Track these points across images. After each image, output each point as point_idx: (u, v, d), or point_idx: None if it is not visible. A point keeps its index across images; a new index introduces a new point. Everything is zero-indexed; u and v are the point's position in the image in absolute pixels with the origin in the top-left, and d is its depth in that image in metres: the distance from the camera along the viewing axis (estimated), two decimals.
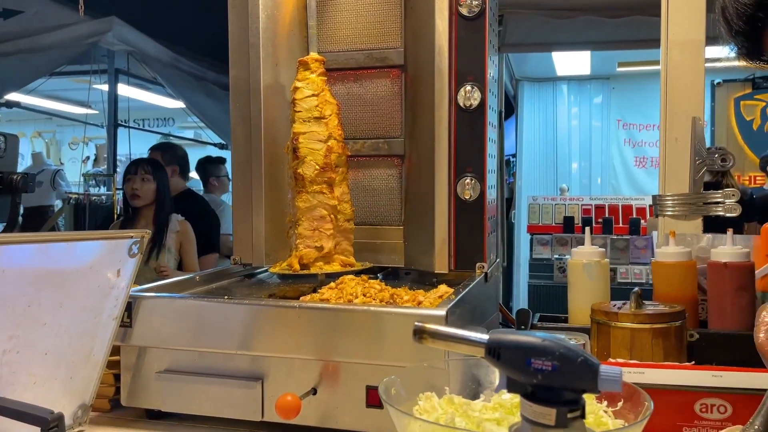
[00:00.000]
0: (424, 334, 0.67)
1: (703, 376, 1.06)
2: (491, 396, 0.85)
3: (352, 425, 1.08)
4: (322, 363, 1.08)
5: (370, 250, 1.52)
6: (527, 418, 0.60)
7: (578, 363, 0.59)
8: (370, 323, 1.05)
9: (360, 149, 1.52)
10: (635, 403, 0.82)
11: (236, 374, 1.13)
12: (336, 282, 1.21)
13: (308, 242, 1.27)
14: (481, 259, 1.41)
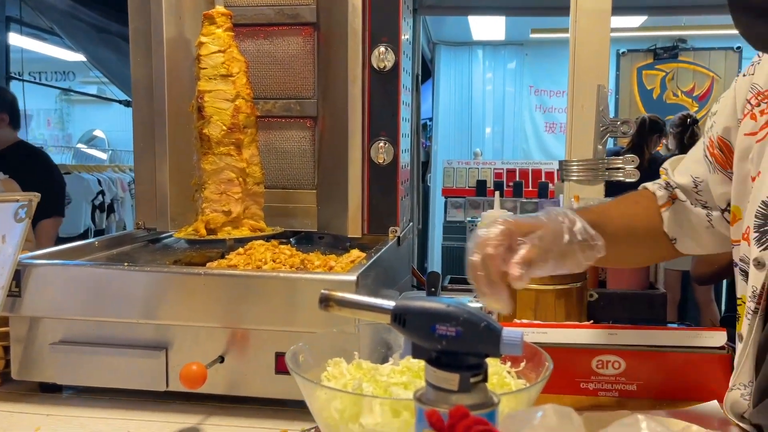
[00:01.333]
0: (330, 301, 0.66)
1: (600, 334, 1.11)
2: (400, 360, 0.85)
3: (261, 392, 1.06)
4: (230, 330, 1.06)
5: (282, 214, 1.49)
6: (431, 383, 0.61)
7: (481, 328, 0.60)
8: (279, 289, 1.03)
9: (271, 110, 1.47)
10: (536, 363, 0.85)
11: (138, 344, 1.09)
12: (244, 247, 1.18)
13: (215, 206, 1.22)
14: (394, 223, 1.41)
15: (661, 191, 1.09)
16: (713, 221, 1.05)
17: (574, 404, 1.06)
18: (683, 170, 1.08)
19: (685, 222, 1.07)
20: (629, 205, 1.11)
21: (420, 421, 0.62)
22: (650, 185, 1.12)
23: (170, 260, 1.28)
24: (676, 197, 1.08)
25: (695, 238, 1.08)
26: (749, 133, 0.94)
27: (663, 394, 1.08)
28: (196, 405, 1.07)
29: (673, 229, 1.08)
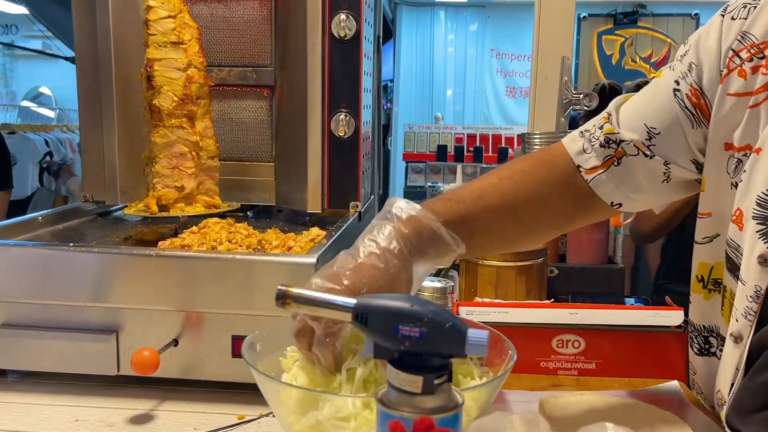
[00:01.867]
0: (287, 298, 0.63)
1: (560, 314, 1.11)
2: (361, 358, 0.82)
3: (218, 376, 1.03)
4: (184, 314, 1.02)
5: (239, 187, 1.44)
6: (393, 385, 0.58)
7: (446, 329, 0.58)
8: (235, 272, 0.99)
9: (225, 78, 1.41)
10: (500, 350, 0.84)
11: (87, 327, 1.04)
12: (199, 226, 1.13)
13: (167, 181, 1.17)
14: (356, 198, 1.37)
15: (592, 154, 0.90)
16: (672, 174, 0.89)
17: (533, 383, 1.07)
18: (635, 120, 0.90)
19: (631, 180, 0.90)
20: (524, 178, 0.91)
21: (382, 423, 0.60)
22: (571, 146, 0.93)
23: (120, 237, 1.23)
24: (623, 154, 0.89)
25: (645, 198, 0.93)
26: (736, 94, 0.80)
27: (622, 372, 1.10)
28: (149, 389, 1.04)
29: (613, 194, 0.91)
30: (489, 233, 0.90)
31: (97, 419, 0.96)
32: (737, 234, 0.82)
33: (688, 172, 0.89)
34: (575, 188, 0.92)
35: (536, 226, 0.95)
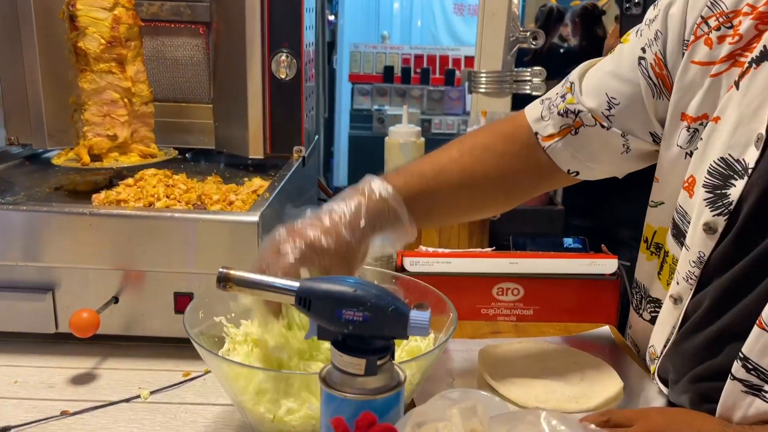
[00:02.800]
0: (228, 282, 0.62)
1: (501, 263, 1.14)
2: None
3: (161, 332, 1.02)
4: (122, 272, 0.99)
5: (176, 130, 1.38)
6: (337, 366, 0.59)
7: (389, 313, 0.58)
8: (175, 231, 0.96)
9: (157, 13, 1.32)
10: (442, 310, 0.86)
11: (21, 285, 1.00)
12: (135, 178, 1.09)
13: (98, 130, 1.10)
14: (299, 142, 1.34)
15: (550, 122, 0.91)
16: (631, 146, 0.89)
17: (474, 331, 1.11)
18: (596, 88, 0.89)
19: (587, 150, 0.91)
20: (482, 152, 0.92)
21: (326, 402, 0.61)
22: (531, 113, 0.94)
23: (51, 187, 1.17)
24: (581, 124, 0.90)
25: (603, 168, 0.94)
26: (700, 62, 0.79)
27: (558, 318, 1.15)
28: (91, 347, 1.02)
29: (570, 162, 0.92)
30: (447, 207, 0.92)
31: (37, 380, 0.95)
32: (686, 201, 0.83)
33: (647, 144, 0.89)
34: (535, 158, 0.92)
35: (494, 200, 0.97)
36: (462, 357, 1.01)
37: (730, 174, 0.76)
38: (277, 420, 0.71)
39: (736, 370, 0.73)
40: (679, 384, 0.83)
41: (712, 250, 0.78)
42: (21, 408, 0.87)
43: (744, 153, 0.75)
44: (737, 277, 0.75)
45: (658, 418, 0.75)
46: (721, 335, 0.77)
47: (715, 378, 0.76)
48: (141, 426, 0.84)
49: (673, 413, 0.77)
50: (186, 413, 0.87)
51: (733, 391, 0.73)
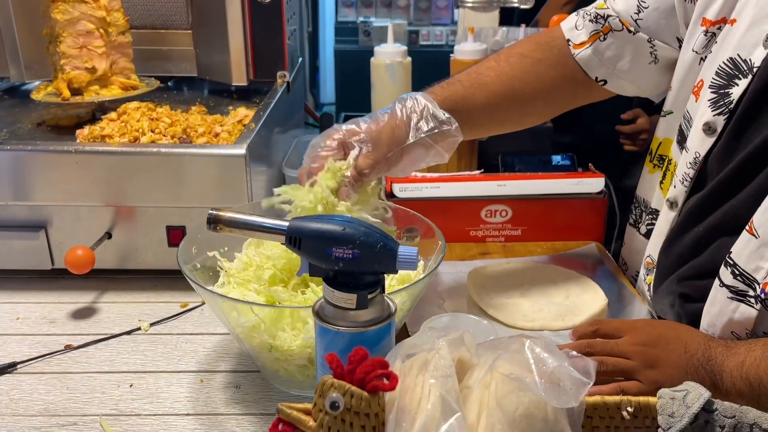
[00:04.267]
0: (219, 223, 0.63)
1: (489, 186, 1.15)
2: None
3: (156, 264, 1.04)
4: (113, 208, 1.00)
5: (156, 57, 1.34)
6: (329, 301, 0.61)
7: (378, 249, 0.59)
8: (162, 166, 0.96)
9: None
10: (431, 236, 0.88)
11: (13, 224, 1.01)
12: (118, 111, 1.07)
13: (76, 63, 1.08)
14: (282, 67, 1.31)
15: (582, 30, 0.92)
16: (659, 54, 0.90)
17: (463, 252, 1.14)
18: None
19: (614, 56, 0.91)
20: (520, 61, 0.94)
21: (320, 335, 0.64)
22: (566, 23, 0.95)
23: (34, 122, 1.15)
24: (609, 30, 0.90)
25: (632, 78, 0.93)
26: None
27: (545, 237, 1.17)
28: (89, 281, 1.05)
29: (598, 69, 0.92)
30: (486, 114, 0.91)
31: (38, 316, 0.97)
32: (692, 105, 0.83)
33: (674, 50, 0.89)
34: (570, 66, 0.94)
35: (533, 107, 0.97)
36: (452, 279, 1.04)
37: (736, 74, 0.77)
38: (274, 349, 0.73)
39: (724, 276, 0.74)
40: (663, 285, 0.85)
41: (708, 151, 0.79)
42: (25, 344, 0.90)
43: (752, 53, 0.75)
44: (728, 178, 0.76)
45: (646, 329, 0.77)
46: (708, 234, 0.79)
47: (700, 277, 0.78)
48: (143, 357, 0.88)
49: (660, 325, 0.79)
50: (186, 343, 0.90)
51: (720, 298, 0.75)
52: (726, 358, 0.69)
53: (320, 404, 0.48)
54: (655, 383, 0.71)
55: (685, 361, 0.71)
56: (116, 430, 0.74)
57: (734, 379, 0.68)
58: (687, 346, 0.72)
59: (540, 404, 0.52)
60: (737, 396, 0.68)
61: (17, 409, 0.77)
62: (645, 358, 0.73)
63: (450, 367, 0.49)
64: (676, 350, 0.73)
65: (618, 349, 0.75)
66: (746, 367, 0.68)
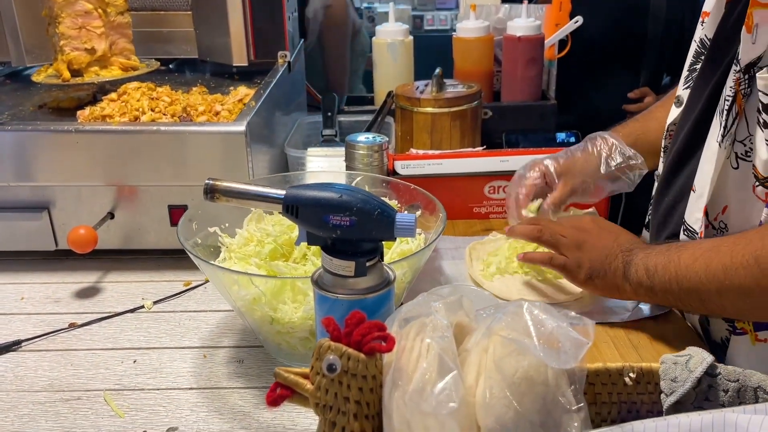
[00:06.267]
0: (215, 193, 0.62)
1: (492, 162, 1.14)
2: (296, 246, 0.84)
3: (159, 244, 1.05)
4: (115, 188, 1.00)
5: (157, 39, 1.34)
6: (328, 269, 0.61)
7: (375, 216, 0.59)
8: (162, 144, 0.96)
9: None
10: (432, 210, 0.87)
11: (16, 206, 1.01)
12: (118, 92, 1.07)
13: (75, 44, 1.07)
14: (283, 46, 1.31)
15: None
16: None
17: (467, 228, 1.13)
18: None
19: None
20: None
21: (319, 303, 0.63)
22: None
23: (35, 104, 1.15)
24: None
25: None
26: None
27: None
28: (92, 261, 1.05)
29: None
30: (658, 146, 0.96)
31: (43, 295, 0.98)
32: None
33: None
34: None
35: None
36: (451, 254, 1.03)
37: (702, 51, 0.84)
38: (275, 322, 0.73)
39: (682, 237, 0.81)
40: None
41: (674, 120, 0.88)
42: (29, 323, 0.90)
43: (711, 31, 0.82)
44: (682, 147, 0.84)
45: (587, 220, 0.87)
46: (672, 206, 0.85)
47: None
48: (147, 334, 0.88)
49: (602, 221, 0.87)
50: (189, 320, 0.90)
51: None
52: (641, 251, 0.77)
53: (317, 367, 0.48)
54: (577, 261, 0.81)
55: (610, 248, 0.80)
56: (120, 404, 0.74)
57: (638, 266, 0.76)
58: (617, 238, 0.81)
59: (540, 367, 0.51)
60: (638, 285, 0.76)
61: (22, 386, 0.78)
62: (576, 239, 0.82)
63: (447, 328, 0.49)
64: (606, 239, 0.81)
65: (558, 227, 0.85)
66: (649, 258, 0.75)
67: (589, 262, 0.80)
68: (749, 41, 0.70)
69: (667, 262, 0.73)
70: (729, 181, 0.75)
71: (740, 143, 0.73)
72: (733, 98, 0.73)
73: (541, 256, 0.86)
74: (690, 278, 0.71)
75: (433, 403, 0.43)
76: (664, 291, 0.74)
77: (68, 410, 0.74)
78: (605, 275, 0.79)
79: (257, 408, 0.73)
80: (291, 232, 0.84)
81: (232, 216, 0.87)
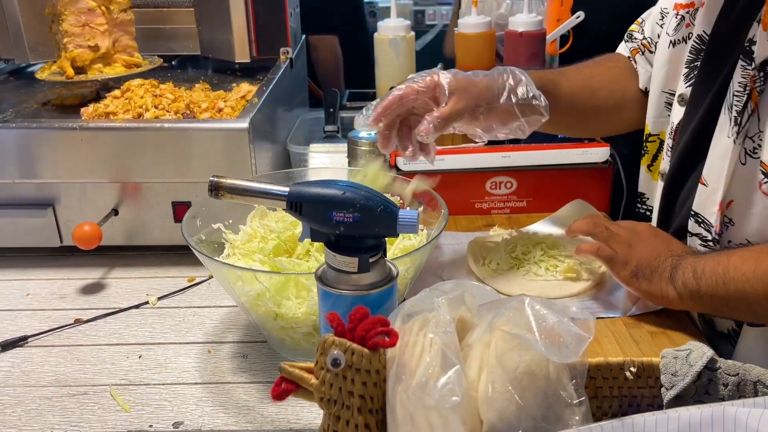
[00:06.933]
0: (220, 190, 0.63)
1: (493, 158, 1.14)
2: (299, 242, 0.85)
3: (163, 240, 1.05)
4: (119, 185, 1.00)
5: (159, 37, 1.35)
6: (331, 265, 0.62)
7: (378, 213, 0.60)
8: (166, 141, 0.97)
9: None
10: (435, 206, 0.88)
11: (21, 202, 1.02)
12: (121, 89, 1.07)
13: (79, 41, 1.08)
14: (285, 42, 1.31)
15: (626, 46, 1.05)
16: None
17: (469, 224, 1.14)
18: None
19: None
20: (595, 66, 1.04)
21: (323, 299, 0.64)
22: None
23: (39, 102, 1.16)
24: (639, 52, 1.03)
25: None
26: None
27: (550, 208, 1.16)
28: (97, 258, 1.06)
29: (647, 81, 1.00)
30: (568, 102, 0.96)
31: (48, 292, 0.98)
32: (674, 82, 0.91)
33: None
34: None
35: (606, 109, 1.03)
36: (452, 250, 1.04)
37: (701, 47, 0.83)
38: (279, 318, 0.74)
39: (691, 227, 0.81)
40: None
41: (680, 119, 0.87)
42: (35, 318, 0.91)
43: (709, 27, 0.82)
44: (689, 145, 0.84)
45: (644, 227, 0.85)
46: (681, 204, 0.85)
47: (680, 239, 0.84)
48: (152, 330, 0.89)
49: (659, 231, 0.85)
50: (194, 316, 0.91)
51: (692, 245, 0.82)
52: (690, 256, 0.76)
53: (322, 362, 0.49)
54: (625, 257, 0.80)
55: (661, 250, 0.79)
56: (126, 398, 0.75)
57: (685, 270, 0.75)
58: (670, 245, 0.80)
59: (541, 362, 0.52)
60: (683, 289, 0.74)
61: (29, 381, 0.79)
62: (628, 238, 0.82)
63: (450, 323, 0.49)
64: (658, 243, 0.80)
65: (613, 226, 0.84)
66: (698, 261, 0.74)
67: (636, 260, 0.78)
68: (766, 39, 0.70)
69: (715, 264, 0.72)
70: (736, 177, 0.76)
71: (750, 139, 0.74)
72: (748, 95, 0.72)
73: (590, 245, 0.84)
74: (737, 279, 0.69)
75: (436, 397, 0.44)
76: (710, 295, 0.72)
77: (75, 405, 0.74)
78: (651, 276, 0.77)
79: (261, 402, 0.74)
80: (294, 229, 0.85)
81: (235, 212, 0.88)
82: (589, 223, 0.87)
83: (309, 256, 0.81)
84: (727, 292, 0.70)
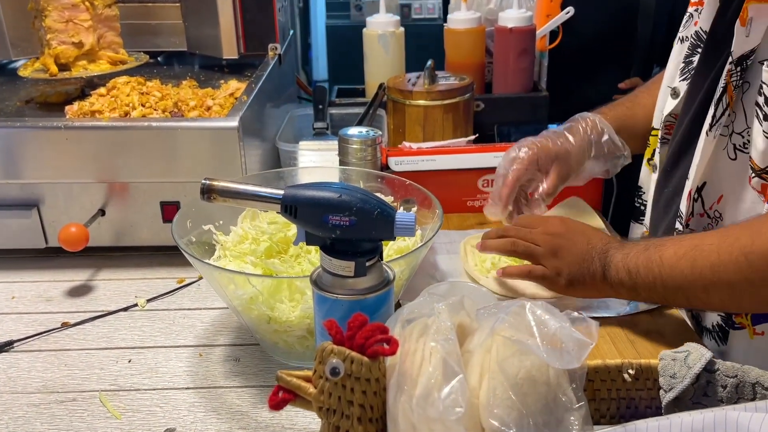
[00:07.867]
0: (212, 193, 0.61)
1: (485, 157, 1.14)
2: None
3: (151, 241, 1.04)
4: (106, 185, 0.98)
5: (145, 32, 1.32)
6: (327, 269, 0.61)
7: (375, 216, 0.59)
8: (153, 140, 0.95)
9: None
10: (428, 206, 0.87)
11: (5, 203, 1.00)
12: (107, 87, 1.05)
13: (62, 37, 1.05)
14: (273, 39, 1.29)
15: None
16: None
17: (460, 222, 1.13)
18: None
19: None
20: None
21: (318, 303, 0.63)
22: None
23: (22, 99, 1.13)
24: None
25: None
26: None
27: None
28: (84, 259, 1.04)
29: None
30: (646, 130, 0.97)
31: (34, 294, 0.96)
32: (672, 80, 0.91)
33: None
34: None
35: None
36: (446, 249, 1.03)
37: (698, 44, 0.84)
38: (273, 321, 0.73)
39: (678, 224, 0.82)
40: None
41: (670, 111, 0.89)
42: (21, 322, 0.89)
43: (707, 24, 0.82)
44: (681, 139, 0.84)
45: (557, 222, 0.85)
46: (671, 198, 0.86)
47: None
48: (141, 333, 0.87)
49: (570, 222, 0.85)
50: (184, 318, 0.90)
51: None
52: (617, 251, 0.76)
53: (320, 371, 0.48)
54: (555, 269, 0.80)
55: (585, 251, 0.78)
56: (116, 405, 0.74)
57: (618, 268, 0.75)
58: (590, 240, 0.79)
59: (542, 367, 0.52)
60: (619, 286, 0.75)
61: (15, 387, 0.77)
62: (551, 246, 0.81)
63: (450, 331, 0.48)
64: (579, 242, 0.79)
65: (530, 236, 0.84)
66: (629, 258, 0.74)
67: (567, 268, 0.79)
68: (743, 34, 0.71)
69: (648, 262, 0.72)
70: (725, 172, 0.76)
71: (738, 135, 0.74)
72: (723, 89, 0.74)
73: (519, 269, 0.85)
74: (675, 277, 0.70)
75: (440, 408, 0.43)
76: (647, 290, 0.73)
77: (64, 412, 0.73)
78: (584, 280, 0.78)
79: (255, 407, 0.73)
80: (286, 230, 0.84)
81: (226, 213, 0.86)
82: (506, 243, 0.86)
83: (301, 258, 0.80)
84: (665, 288, 0.72)
